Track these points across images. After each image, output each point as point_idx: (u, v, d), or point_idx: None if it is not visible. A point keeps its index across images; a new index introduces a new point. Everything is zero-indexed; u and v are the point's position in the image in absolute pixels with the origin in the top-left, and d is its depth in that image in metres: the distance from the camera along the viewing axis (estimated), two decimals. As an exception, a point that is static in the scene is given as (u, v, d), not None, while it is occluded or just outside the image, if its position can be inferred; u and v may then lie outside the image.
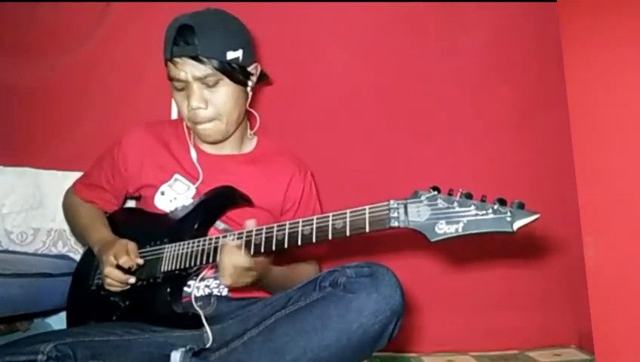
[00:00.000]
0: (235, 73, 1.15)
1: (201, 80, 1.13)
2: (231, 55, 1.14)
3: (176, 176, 1.24)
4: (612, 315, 1.22)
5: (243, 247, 1.02)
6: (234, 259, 1.01)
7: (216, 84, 1.14)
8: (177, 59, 1.11)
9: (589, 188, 1.27)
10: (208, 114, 1.16)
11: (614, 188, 1.24)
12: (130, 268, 1.11)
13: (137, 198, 1.34)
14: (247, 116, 1.31)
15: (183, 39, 1.10)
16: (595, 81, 1.29)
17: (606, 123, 1.26)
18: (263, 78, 1.28)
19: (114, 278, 1.10)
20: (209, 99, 1.15)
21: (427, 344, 1.68)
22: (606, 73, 1.26)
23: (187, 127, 1.28)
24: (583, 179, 1.28)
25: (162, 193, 1.23)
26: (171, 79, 1.15)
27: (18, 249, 1.60)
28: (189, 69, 1.12)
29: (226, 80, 1.15)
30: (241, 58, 1.16)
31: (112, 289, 1.13)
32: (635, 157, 1.20)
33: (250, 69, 1.21)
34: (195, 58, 1.10)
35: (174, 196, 1.22)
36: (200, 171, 1.23)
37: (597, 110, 1.28)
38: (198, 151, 1.27)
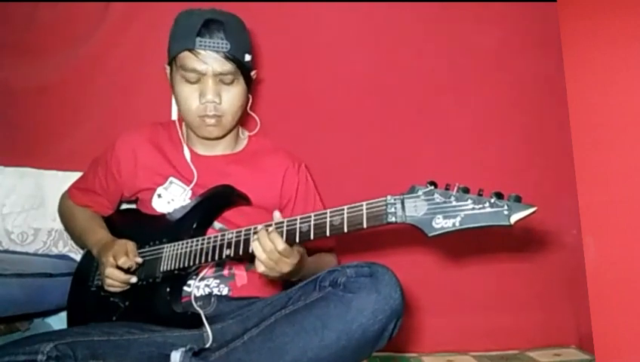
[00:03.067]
0: (247, 75, 1.18)
1: (219, 76, 1.13)
2: (247, 57, 1.17)
3: (172, 179, 1.24)
4: (612, 315, 1.22)
5: (276, 233, 0.97)
6: (267, 243, 0.97)
7: (231, 82, 1.15)
8: (201, 51, 1.11)
9: (589, 188, 1.27)
10: (219, 109, 1.16)
11: (614, 188, 1.24)
12: (129, 268, 1.11)
13: (134, 202, 1.34)
14: (243, 118, 1.31)
15: (210, 33, 1.10)
16: (595, 81, 1.29)
17: (606, 123, 1.26)
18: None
19: (115, 279, 1.10)
20: (222, 96, 1.16)
21: (427, 344, 1.68)
22: (606, 73, 1.27)
23: (181, 128, 1.28)
24: (583, 179, 1.28)
25: (159, 196, 1.23)
26: (186, 70, 1.13)
27: (18, 249, 1.60)
28: (211, 62, 1.12)
29: (241, 80, 1.17)
30: (251, 62, 1.19)
31: (112, 289, 1.13)
32: (635, 157, 1.20)
33: (252, 73, 1.22)
34: (219, 53, 1.11)
35: (171, 198, 1.22)
36: (194, 172, 1.23)
37: (597, 110, 1.28)
38: (192, 152, 1.27)
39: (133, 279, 1.12)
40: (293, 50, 1.68)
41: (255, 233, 1.00)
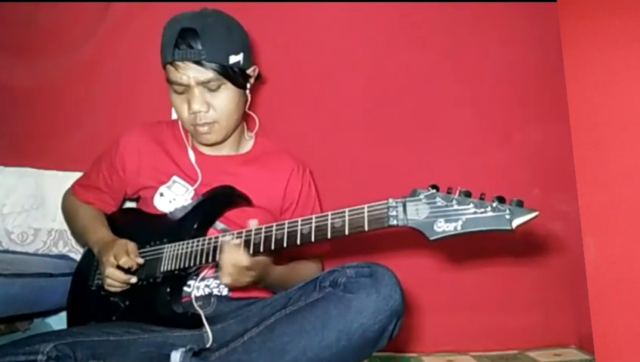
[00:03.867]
0: (237, 77, 1.15)
1: (203, 84, 1.12)
2: (233, 59, 1.14)
3: (175, 178, 1.24)
4: (612, 315, 1.22)
5: (242, 246, 1.02)
6: (233, 257, 1.01)
7: (218, 88, 1.14)
8: (179, 63, 1.10)
9: (589, 188, 1.27)
10: (209, 117, 1.15)
11: (614, 188, 1.24)
12: (130, 268, 1.11)
13: (136, 200, 1.34)
14: (246, 117, 1.31)
15: (185, 42, 1.09)
16: (595, 81, 1.29)
17: (606, 123, 1.27)
18: (258, 78, 1.27)
19: (115, 279, 1.10)
20: (210, 103, 1.14)
21: (427, 344, 1.68)
22: (606, 73, 1.27)
23: (184, 128, 1.28)
24: (583, 179, 1.28)
25: (161, 194, 1.23)
26: (171, 82, 1.14)
27: (19, 249, 1.60)
28: (191, 74, 1.11)
29: (228, 84, 1.15)
30: (241, 62, 1.16)
31: (113, 289, 1.13)
32: (635, 157, 1.20)
33: (249, 71, 1.21)
34: (198, 62, 1.10)
35: (173, 197, 1.22)
36: (199, 173, 1.23)
37: (597, 110, 1.28)
38: (196, 152, 1.27)
39: (133, 279, 1.12)
40: (293, 51, 1.68)
41: (240, 236, 1.02)
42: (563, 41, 1.34)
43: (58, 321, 1.50)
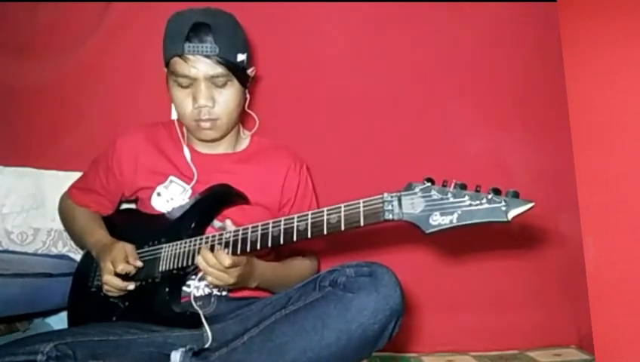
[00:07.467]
0: (242, 75, 1.17)
1: (211, 79, 1.13)
2: (240, 57, 1.15)
3: (171, 178, 1.24)
4: (612, 315, 1.22)
5: (217, 247, 1.03)
6: (208, 259, 1.02)
7: (224, 84, 1.14)
8: (190, 56, 1.11)
9: (589, 188, 1.27)
10: (213, 113, 1.16)
11: (614, 188, 1.24)
12: (128, 274, 1.11)
13: (134, 201, 1.34)
14: (242, 116, 1.31)
15: (197, 37, 1.09)
16: (595, 81, 1.29)
17: (606, 123, 1.26)
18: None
19: (113, 286, 1.11)
20: (216, 99, 1.15)
21: (427, 344, 1.68)
22: (606, 73, 1.27)
23: (180, 127, 1.28)
24: (583, 179, 1.28)
25: (159, 194, 1.23)
26: (177, 75, 1.13)
27: (18, 249, 1.60)
28: (201, 67, 1.11)
29: (235, 81, 1.16)
30: (245, 61, 1.18)
31: (111, 294, 1.13)
32: (635, 157, 1.20)
33: (249, 71, 1.22)
34: (209, 57, 1.10)
35: (171, 197, 1.22)
36: (195, 171, 1.23)
37: (597, 110, 1.28)
38: (192, 151, 1.27)
39: (131, 286, 1.12)
40: (290, 49, 1.67)
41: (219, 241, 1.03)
42: (563, 41, 1.34)
43: (58, 321, 1.50)
